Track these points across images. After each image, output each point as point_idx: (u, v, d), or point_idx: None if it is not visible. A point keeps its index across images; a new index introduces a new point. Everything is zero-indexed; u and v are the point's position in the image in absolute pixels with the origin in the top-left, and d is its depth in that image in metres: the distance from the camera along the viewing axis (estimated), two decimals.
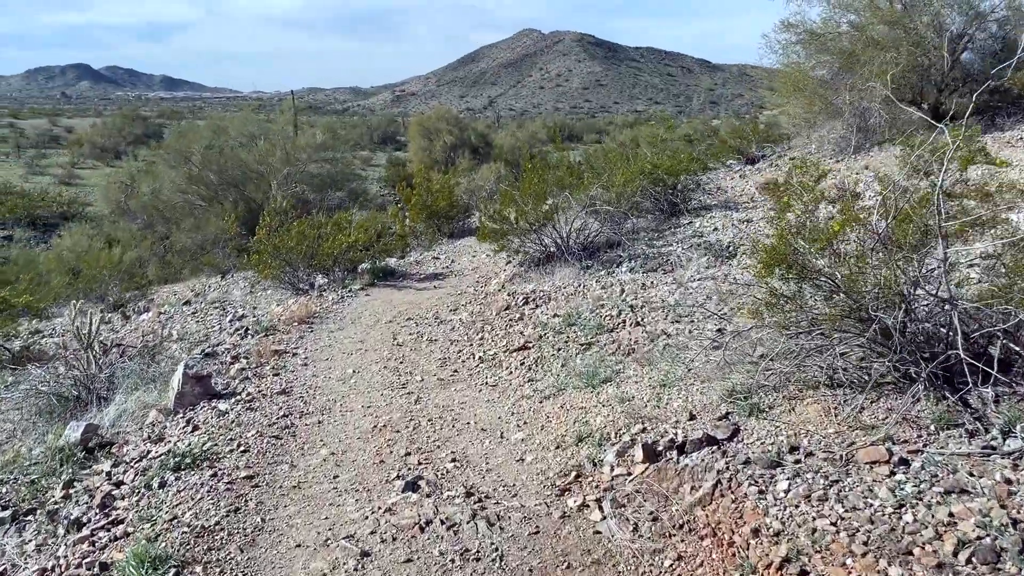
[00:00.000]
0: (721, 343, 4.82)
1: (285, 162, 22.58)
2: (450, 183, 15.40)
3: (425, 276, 10.49)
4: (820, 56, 12.94)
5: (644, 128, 57.00)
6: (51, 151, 52.45)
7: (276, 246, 9.93)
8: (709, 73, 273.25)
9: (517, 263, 9.32)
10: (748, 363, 4.36)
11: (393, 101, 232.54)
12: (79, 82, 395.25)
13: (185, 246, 21.53)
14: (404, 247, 13.51)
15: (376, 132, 61.28)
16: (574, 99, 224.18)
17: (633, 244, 8.76)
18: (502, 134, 53.83)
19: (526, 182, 8.92)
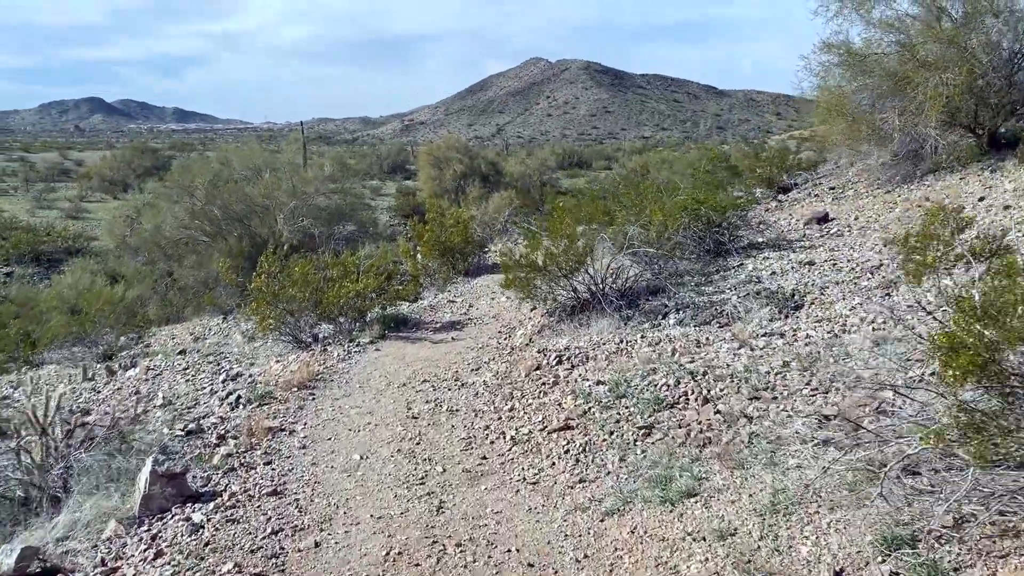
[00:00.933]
0: (836, 442, 3.73)
1: (292, 195, 21.70)
2: (465, 218, 14.39)
3: (441, 325, 9.42)
4: (864, 78, 11.91)
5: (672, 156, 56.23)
6: (60, 184, 51.99)
7: (276, 294, 8.91)
8: (715, 99, 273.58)
9: (545, 312, 8.25)
10: (893, 480, 3.23)
11: (402, 130, 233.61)
12: (92, 115, 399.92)
13: (187, 283, 20.64)
14: (417, 290, 12.49)
15: (385, 161, 60.69)
16: (581, 126, 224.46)
17: (678, 290, 7.69)
18: (512, 161, 53.12)
19: (556, 222, 7.87)
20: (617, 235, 8.83)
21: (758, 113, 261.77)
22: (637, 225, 8.19)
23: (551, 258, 7.58)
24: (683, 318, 7.03)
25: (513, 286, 7.86)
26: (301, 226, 21.29)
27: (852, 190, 12.49)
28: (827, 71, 12.21)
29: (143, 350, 13.95)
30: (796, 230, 9.84)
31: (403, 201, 41.32)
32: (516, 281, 7.79)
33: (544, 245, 8.11)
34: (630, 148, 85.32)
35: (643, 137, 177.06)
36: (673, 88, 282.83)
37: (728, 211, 8.83)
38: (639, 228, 8.22)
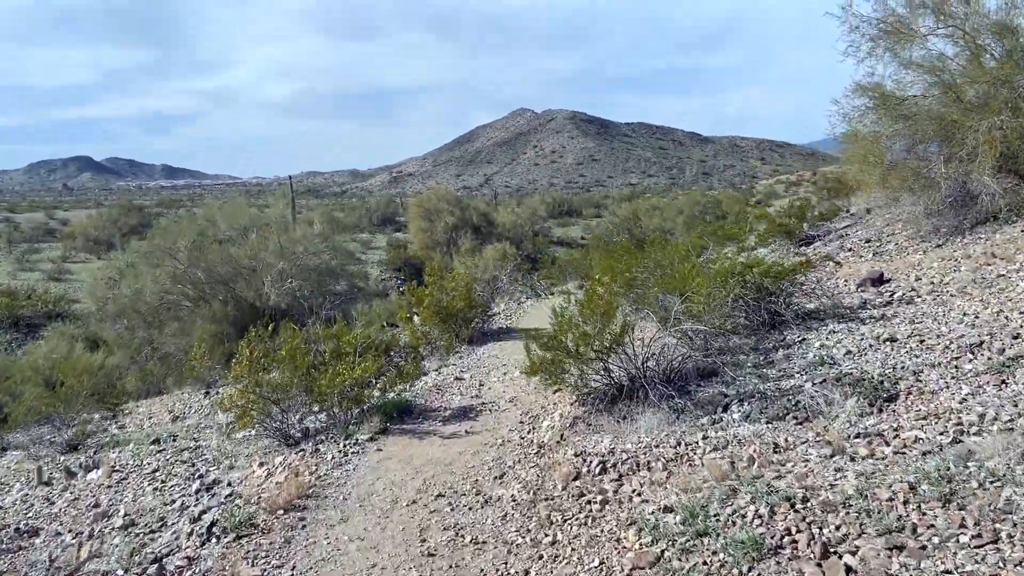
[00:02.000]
0: None
1: (279, 256, 20.54)
2: (467, 280, 13.23)
3: (451, 413, 8.16)
4: (901, 123, 10.93)
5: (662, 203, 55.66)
6: (44, 245, 50.71)
7: (259, 383, 7.65)
8: (700, 145, 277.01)
9: (575, 399, 7.03)
10: None
11: (391, 182, 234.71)
12: (81, 174, 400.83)
13: (169, 352, 19.36)
14: (418, 367, 11.28)
15: (375, 214, 59.93)
16: (569, 174, 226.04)
17: (736, 373, 6.49)
18: (503, 212, 52.43)
19: (590, 297, 6.69)
20: (647, 301, 7.67)
21: (742, 158, 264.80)
22: (677, 295, 7.02)
23: (584, 339, 6.38)
24: (749, 411, 5.82)
25: (539, 372, 6.64)
26: (289, 288, 20.11)
27: (892, 243, 11.41)
28: (862, 115, 11.23)
29: (114, 436, 12.61)
30: (849, 293, 8.70)
31: (394, 254, 40.37)
32: (542, 367, 6.58)
33: (569, 314, 6.93)
34: (618, 196, 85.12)
35: (630, 184, 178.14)
36: (658, 135, 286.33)
37: (787, 276, 7.67)
38: (679, 297, 7.05)
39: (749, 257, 11.53)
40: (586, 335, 6.32)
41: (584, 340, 6.33)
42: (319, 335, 11.30)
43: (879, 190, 11.58)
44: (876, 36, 11.17)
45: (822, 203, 26.75)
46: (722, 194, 70.61)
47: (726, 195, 67.51)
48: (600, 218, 64.08)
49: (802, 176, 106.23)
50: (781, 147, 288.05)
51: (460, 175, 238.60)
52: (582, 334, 6.32)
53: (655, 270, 8.28)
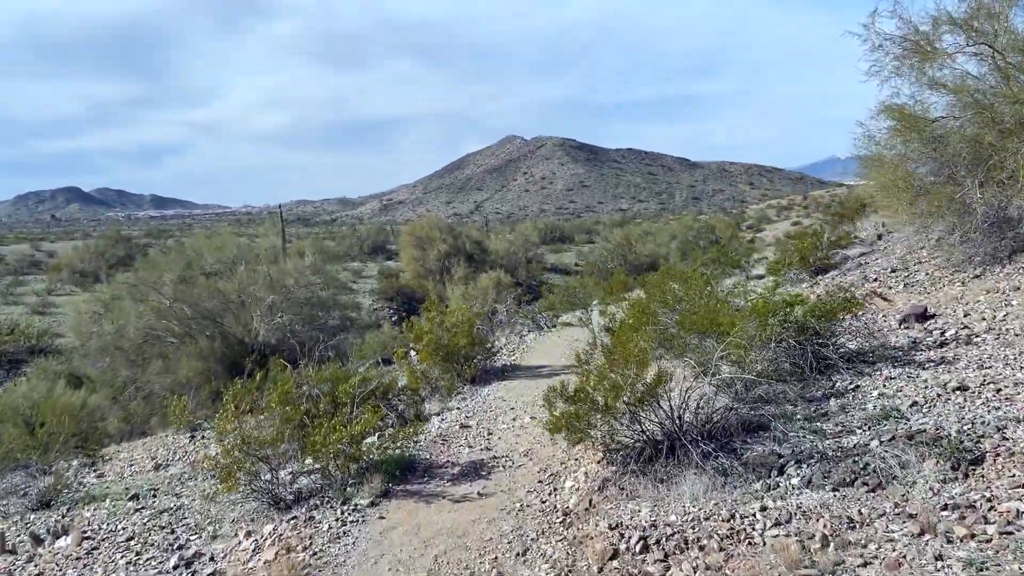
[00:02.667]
0: None
1: (269, 289, 19.75)
2: (469, 316, 12.47)
3: (460, 469, 7.34)
4: (930, 145, 10.31)
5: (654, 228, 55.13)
6: (29, 277, 49.66)
7: (245, 440, 6.83)
8: (689, 170, 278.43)
9: (604, 457, 6.24)
10: None
11: (381, 209, 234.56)
12: (69, 205, 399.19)
13: (153, 391, 18.49)
14: (419, 408, 10.50)
15: (366, 242, 59.20)
16: (559, 200, 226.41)
17: (786, 428, 5.73)
18: (497, 239, 51.87)
19: (621, 342, 5.92)
20: (675, 344, 6.93)
21: (731, 183, 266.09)
22: (714, 338, 6.27)
23: (615, 391, 5.61)
24: (810, 476, 5.05)
25: (564, 430, 5.86)
26: (279, 323, 19.30)
27: (921, 273, 10.73)
28: (888, 138, 10.60)
29: (90, 489, 11.71)
30: (891, 330, 7.98)
31: (386, 283, 39.63)
32: (567, 423, 5.80)
33: (594, 363, 6.18)
34: (609, 221, 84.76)
35: (620, 210, 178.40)
36: (647, 161, 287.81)
37: (837, 316, 6.92)
38: (716, 340, 6.29)
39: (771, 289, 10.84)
40: (617, 386, 5.55)
41: (615, 392, 5.57)
42: (312, 377, 10.52)
43: (906, 216, 10.91)
44: (900, 55, 10.57)
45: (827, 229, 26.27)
46: (714, 219, 70.29)
47: (718, 220, 67.18)
48: (592, 244, 63.61)
49: (793, 200, 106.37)
50: (770, 172, 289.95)
51: (451, 202, 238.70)
52: (613, 385, 5.55)
53: (680, 307, 7.53)
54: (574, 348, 14.27)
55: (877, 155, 10.87)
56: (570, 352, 13.76)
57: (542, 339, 15.55)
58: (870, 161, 11.60)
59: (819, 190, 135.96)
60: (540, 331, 16.56)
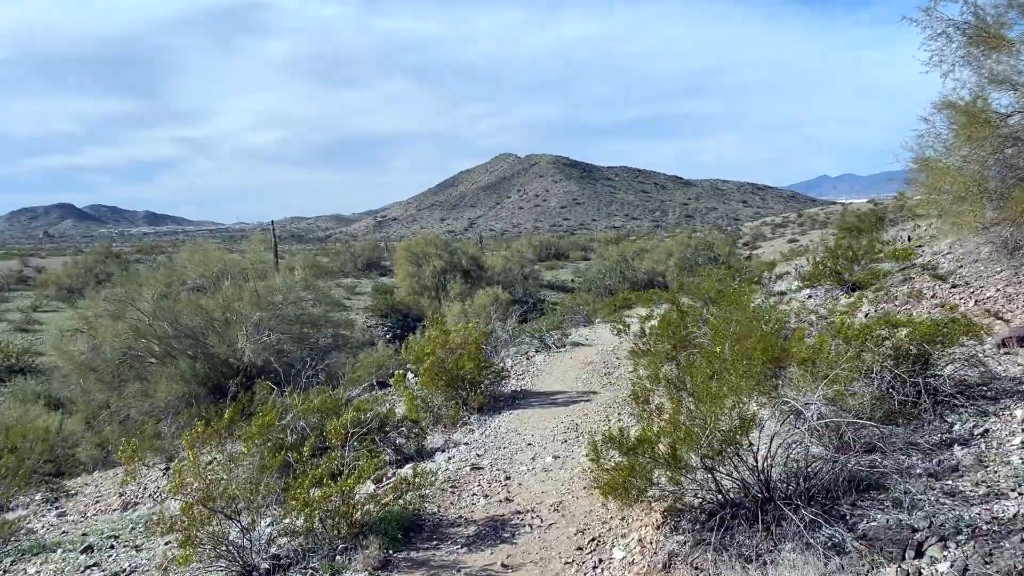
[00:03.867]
0: None
1: (256, 306, 18.37)
2: (475, 336, 11.13)
3: (476, 529, 5.94)
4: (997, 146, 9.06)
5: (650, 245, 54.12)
6: (16, 293, 48.10)
7: (211, 496, 5.44)
8: (682, 188, 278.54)
9: (663, 519, 4.89)
10: None
11: (375, 226, 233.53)
12: (62, 221, 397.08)
13: (130, 415, 17.07)
14: (421, 442, 9.16)
15: (360, 258, 57.91)
16: (553, 217, 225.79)
17: (908, 486, 4.39)
18: (493, 256, 50.77)
19: (698, 380, 4.58)
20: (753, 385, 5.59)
21: (725, 201, 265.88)
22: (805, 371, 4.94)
23: (689, 440, 4.27)
24: (963, 559, 3.72)
25: (616, 491, 4.50)
26: (267, 342, 17.90)
27: (992, 288, 9.45)
28: (955, 138, 9.35)
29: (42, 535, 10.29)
30: (986, 355, 6.67)
31: (380, 300, 38.47)
32: (622, 482, 4.44)
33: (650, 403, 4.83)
34: (604, 238, 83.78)
35: (614, 227, 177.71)
36: (640, 179, 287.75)
37: (956, 340, 5.58)
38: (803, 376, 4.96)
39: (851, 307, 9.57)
40: (692, 434, 4.21)
41: (691, 441, 4.22)
42: (297, 407, 9.17)
43: (976, 225, 9.64)
44: (966, 43, 9.34)
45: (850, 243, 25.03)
46: (712, 236, 69.28)
47: (715, 237, 66.16)
48: (588, 260, 62.65)
49: (787, 218, 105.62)
50: (762, 190, 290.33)
51: (444, 219, 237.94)
52: (687, 433, 4.20)
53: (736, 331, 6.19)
54: (589, 369, 12.98)
55: (925, 160, 9.60)
56: (586, 377, 12.45)
57: (552, 360, 14.20)
58: (923, 166, 10.33)
59: (812, 208, 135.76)
60: (548, 351, 15.19)
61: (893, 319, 5.63)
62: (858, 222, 24.72)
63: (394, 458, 8.77)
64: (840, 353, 4.98)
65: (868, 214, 24.44)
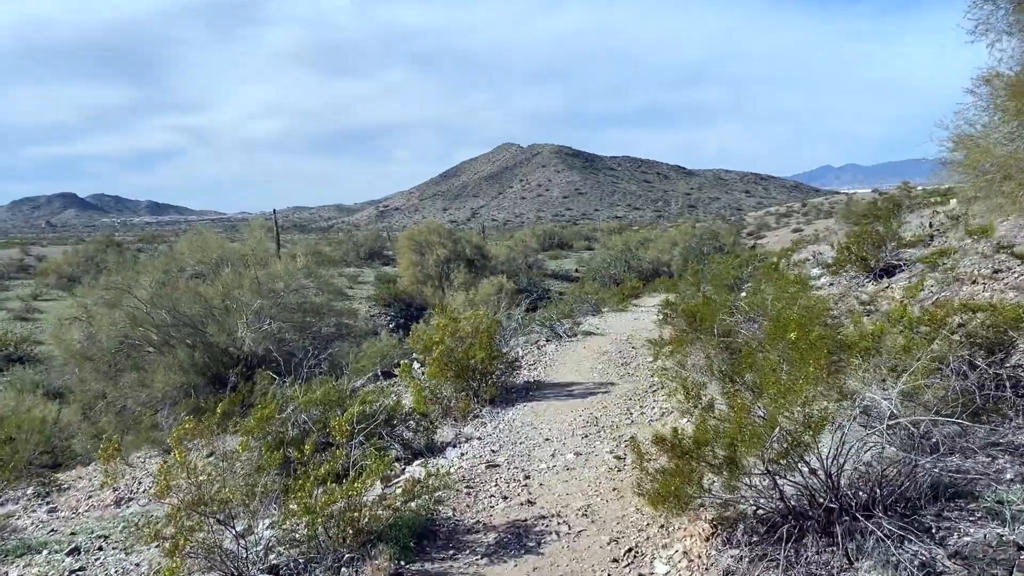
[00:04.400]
0: None
1: (256, 293, 17.79)
2: (488, 324, 10.54)
3: (496, 535, 5.33)
4: None
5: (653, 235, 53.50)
6: (16, 282, 47.56)
7: (203, 501, 4.85)
8: (685, 178, 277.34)
9: (712, 529, 4.31)
10: None
11: (377, 216, 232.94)
12: (65, 211, 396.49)
13: (126, 406, 16.55)
14: (430, 437, 8.59)
15: (362, 248, 57.38)
16: (555, 207, 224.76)
17: (1008, 493, 3.81)
18: (497, 245, 50.23)
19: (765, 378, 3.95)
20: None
21: (727, 191, 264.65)
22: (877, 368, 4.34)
23: (753, 442, 3.67)
24: None
25: (666, 501, 3.91)
26: (268, 331, 17.34)
27: None
28: (1000, 113, 8.72)
29: (28, 534, 9.75)
30: None
31: (383, 289, 38.02)
32: (674, 490, 3.85)
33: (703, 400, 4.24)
34: (607, 228, 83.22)
35: (616, 217, 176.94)
36: (643, 169, 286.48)
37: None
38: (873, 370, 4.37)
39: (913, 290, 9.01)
40: (756, 437, 3.61)
41: (753, 443, 3.63)
42: (298, 399, 8.61)
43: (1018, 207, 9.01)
44: (1014, 9, 8.71)
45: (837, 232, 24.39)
46: (716, 226, 68.62)
47: (720, 227, 65.49)
48: (591, 250, 62.17)
49: (791, 208, 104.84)
50: (765, 180, 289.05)
51: (447, 209, 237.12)
52: (752, 435, 3.61)
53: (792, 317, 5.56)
54: (604, 359, 12.38)
55: (968, 136, 8.95)
56: (602, 367, 11.86)
57: (564, 350, 13.62)
58: (966, 141, 9.69)
59: (816, 198, 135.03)
60: (560, 340, 14.60)
61: (971, 303, 5.03)
62: (874, 209, 24.08)
63: (402, 453, 8.21)
64: (906, 342, 4.38)
65: (884, 201, 23.80)
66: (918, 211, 22.04)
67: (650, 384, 10.18)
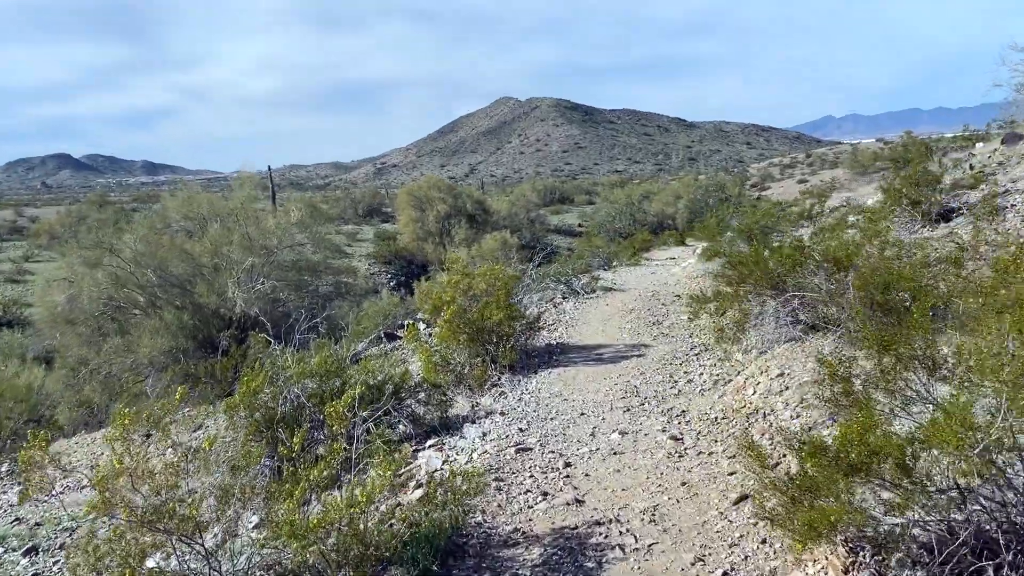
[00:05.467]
0: None
1: (248, 251, 16.52)
2: (505, 279, 9.30)
3: (542, 555, 4.12)
4: None
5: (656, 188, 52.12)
6: (8, 243, 46.26)
7: (170, 513, 3.67)
8: (685, 131, 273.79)
9: (853, 560, 3.13)
10: None
11: (375, 173, 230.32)
12: (60, 171, 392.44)
13: (111, 372, 15.39)
14: (444, 412, 7.43)
15: (360, 205, 55.98)
16: (554, 162, 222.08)
17: None
18: (498, 200, 48.88)
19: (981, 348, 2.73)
20: None
21: (728, 143, 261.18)
22: None
23: (957, 444, 2.46)
24: None
25: (823, 533, 2.72)
26: (261, 291, 16.10)
27: None
28: None
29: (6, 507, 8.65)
30: None
31: (383, 246, 36.92)
32: (833, 520, 2.65)
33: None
34: (607, 182, 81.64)
35: (616, 171, 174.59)
36: (643, 122, 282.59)
37: None
38: None
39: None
40: (960, 438, 2.39)
41: (959, 447, 2.41)
42: (292, 369, 7.41)
43: None
44: None
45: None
46: (721, 177, 66.96)
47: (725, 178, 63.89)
48: (593, 204, 60.93)
49: (795, 158, 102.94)
50: (767, 131, 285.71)
51: (445, 165, 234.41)
52: (953, 437, 2.39)
53: None
54: (632, 317, 11.16)
55: None
56: (631, 326, 10.66)
57: (584, 308, 12.41)
58: None
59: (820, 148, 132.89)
60: (577, 297, 13.37)
61: None
62: (904, 152, 22.69)
63: (413, 430, 7.04)
64: None
65: (915, 144, 22.43)
66: (952, 152, 20.69)
67: (691, 346, 9.00)
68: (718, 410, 6.36)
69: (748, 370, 6.79)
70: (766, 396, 5.90)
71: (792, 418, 5.27)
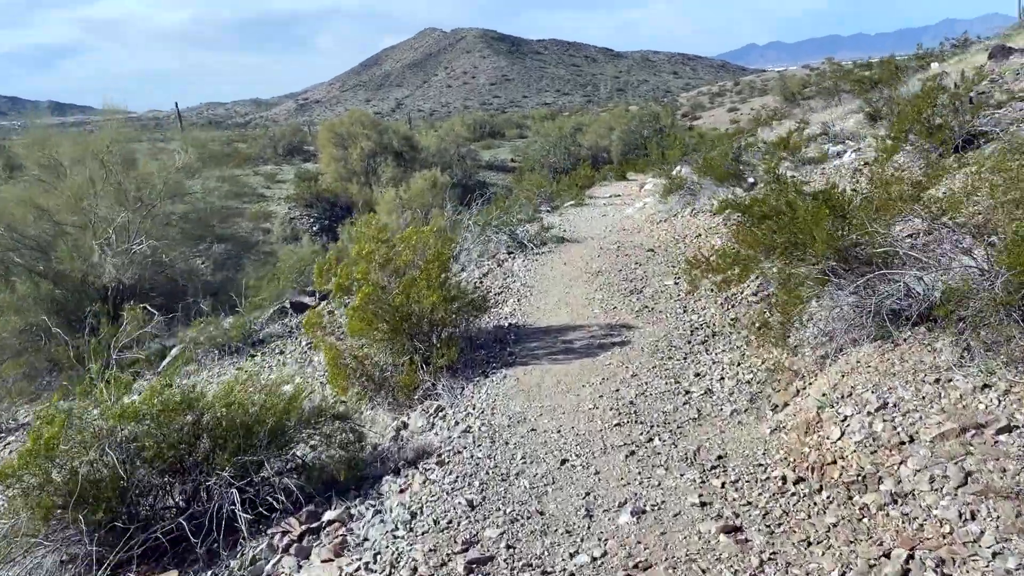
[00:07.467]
0: None
1: (120, 204, 13.44)
2: (438, 248, 6.72)
3: None
4: None
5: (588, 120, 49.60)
6: None
7: None
8: (613, 61, 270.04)
9: None
10: None
11: (297, 110, 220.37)
12: None
13: None
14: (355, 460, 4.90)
15: (280, 143, 51.77)
16: (482, 96, 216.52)
17: None
18: (426, 136, 45.69)
19: None
20: None
21: (655, 73, 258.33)
22: None
23: None
24: None
25: None
26: (139, 253, 13.14)
27: None
28: None
29: None
30: None
31: (303, 187, 33.78)
32: None
33: None
34: (537, 115, 78.75)
35: (545, 103, 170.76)
36: (571, 52, 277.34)
37: None
38: None
39: None
40: None
41: None
42: (104, 404, 4.85)
43: None
44: None
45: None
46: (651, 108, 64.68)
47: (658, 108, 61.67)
48: (524, 139, 58.19)
49: (724, 87, 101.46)
50: (693, 60, 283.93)
51: (370, 100, 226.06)
52: None
53: None
54: (600, 281, 8.66)
55: None
56: (602, 296, 8.25)
57: (537, 267, 9.91)
58: None
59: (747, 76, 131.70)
60: (525, 252, 10.85)
61: None
62: (869, 72, 20.53)
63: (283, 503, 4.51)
64: None
65: (882, 63, 20.31)
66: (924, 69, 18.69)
67: (691, 328, 6.64)
68: (779, 458, 4.05)
69: (812, 388, 4.45)
70: (870, 447, 3.60)
71: (954, 516, 2.95)
